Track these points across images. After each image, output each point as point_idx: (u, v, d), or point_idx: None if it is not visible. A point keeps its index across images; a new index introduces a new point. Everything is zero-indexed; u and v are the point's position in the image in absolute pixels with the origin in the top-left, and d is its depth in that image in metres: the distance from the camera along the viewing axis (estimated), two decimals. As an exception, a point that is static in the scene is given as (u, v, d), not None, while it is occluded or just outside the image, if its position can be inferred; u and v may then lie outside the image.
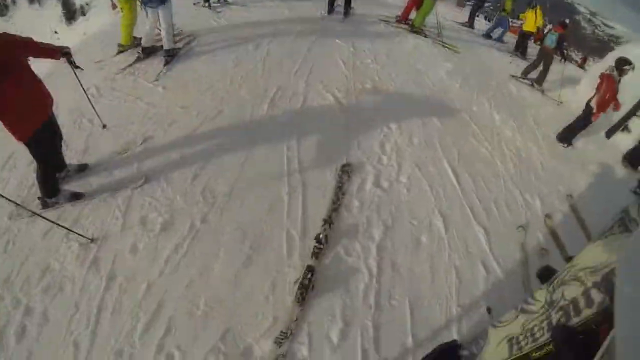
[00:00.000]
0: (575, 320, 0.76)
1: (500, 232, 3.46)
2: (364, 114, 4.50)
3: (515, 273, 3.11)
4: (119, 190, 2.99)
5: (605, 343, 0.53)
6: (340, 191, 3.24)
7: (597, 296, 0.78)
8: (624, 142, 6.69)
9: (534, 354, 0.86)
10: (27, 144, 2.55)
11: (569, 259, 2.92)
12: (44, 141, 2.62)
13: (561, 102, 7.29)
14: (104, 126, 3.45)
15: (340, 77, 5.23)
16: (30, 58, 2.50)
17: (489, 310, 2.84)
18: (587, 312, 0.78)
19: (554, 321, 0.83)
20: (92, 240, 2.61)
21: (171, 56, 4.94)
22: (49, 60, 2.77)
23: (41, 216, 2.61)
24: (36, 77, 2.54)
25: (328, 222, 2.96)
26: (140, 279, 2.44)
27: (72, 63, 2.85)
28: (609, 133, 6.98)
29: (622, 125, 6.93)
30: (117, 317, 2.27)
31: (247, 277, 2.55)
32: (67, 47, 2.76)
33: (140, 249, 2.61)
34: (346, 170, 3.45)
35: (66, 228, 2.59)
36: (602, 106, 5.34)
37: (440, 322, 2.59)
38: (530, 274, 3.10)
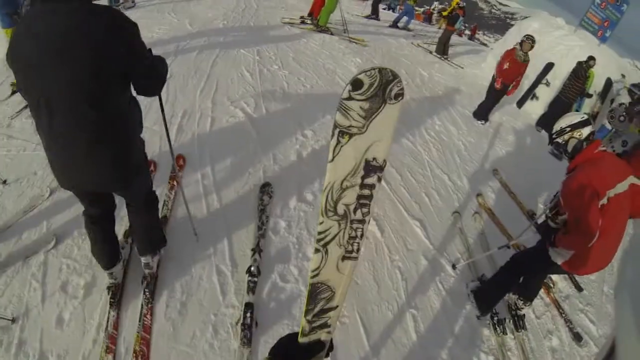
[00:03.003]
0: None
1: (436, 221, 3.61)
2: (276, 124, 4.47)
3: (459, 259, 3.27)
4: (31, 256, 2.68)
5: (606, 343, 0.53)
6: (263, 214, 3.14)
7: None
8: (534, 108, 7.47)
9: None
10: None
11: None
12: None
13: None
14: (4, 182, 3.21)
15: (248, 89, 5.16)
16: None
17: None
18: None
19: None
20: (12, 320, 2.32)
21: None
22: None
23: None
24: None
25: (257, 250, 2.85)
26: (75, 354, 2.21)
27: None
28: (520, 103, 7.77)
29: (530, 94, 7.75)
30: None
31: (186, 327, 2.40)
32: None
33: (67, 319, 2.36)
34: (266, 191, 3.36)
35: None
36: (504, 77, 5.82)
37: (396, 328, 2.63)
38: (475, 256, 3.29)
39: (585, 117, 2.57)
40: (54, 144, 1.76)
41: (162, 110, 2.27)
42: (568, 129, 2.53)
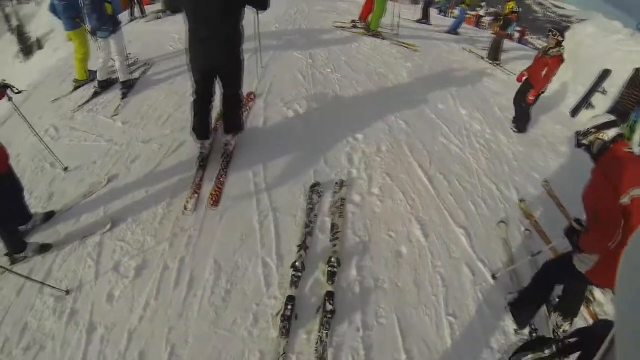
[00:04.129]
0: None
1: (481, 230, 3.53)
2: (328, 126, 4.54)
3: (502, 271, 3.17)
4: (88, 237, 2.96)
5: (607, 341, 0.54)
6: (312, 213, 3.24)
7: None
8: (589, 118, 7.02)
9: None
10: None
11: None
12: (1, 196, 2.64)
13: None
14: (66, 169, 3.55)
15: (301, 91, 5.27)
16: None
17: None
18: None
19: None
20: (67, 292, 2.58)
21: (128, 88, 4.95)
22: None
23: (12, 272, 2.59)
24: None
25: (303, 247, 2.94)
26: (121, 328, 2.41)
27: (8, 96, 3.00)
28: (574, 112, 7.32)
29: (585, 102, 7.29)
30: (102, 371, 2.26)
31: (228, 313, 2.53)
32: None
33: (117, 296, 2.59)
34: (316, 190, 3.46)
35: (39, 282, 2.58)
36: (534, 82, 5.51)
37: (432, 334, 2.62)
38: (518, 270, 3.19)
39: (612, 118, 2.43)
40: (201, 42, 3.25)
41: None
42: (593, 130, 2.39)
